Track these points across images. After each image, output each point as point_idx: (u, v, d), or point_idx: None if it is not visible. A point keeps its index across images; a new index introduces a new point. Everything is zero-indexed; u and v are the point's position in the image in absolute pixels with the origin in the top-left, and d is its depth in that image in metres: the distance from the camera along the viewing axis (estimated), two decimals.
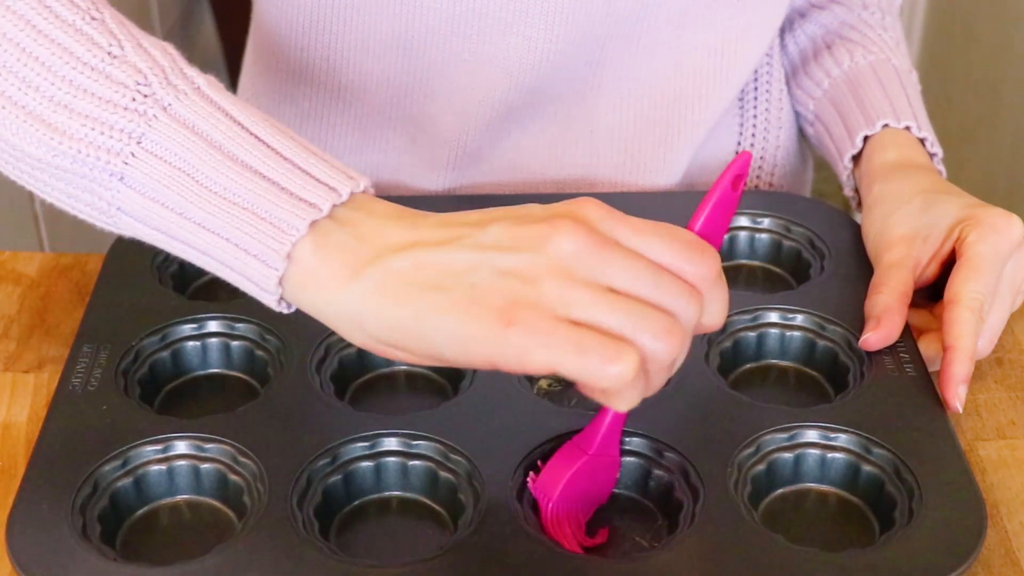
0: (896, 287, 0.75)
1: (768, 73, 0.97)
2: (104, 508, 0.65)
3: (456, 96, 0.87)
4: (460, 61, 0.86)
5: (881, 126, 0.86)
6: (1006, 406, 0.75)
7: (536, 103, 0.88)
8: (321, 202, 0.57)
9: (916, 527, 0.63)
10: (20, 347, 0.79)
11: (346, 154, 0.92)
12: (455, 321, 0.54)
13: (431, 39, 0.85)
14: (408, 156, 0.91)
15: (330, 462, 0.66)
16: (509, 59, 0.85)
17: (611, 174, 0.91)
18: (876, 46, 0.94)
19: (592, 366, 0.53)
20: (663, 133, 0.91)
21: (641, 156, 0.91)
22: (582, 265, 0.55)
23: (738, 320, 0.76)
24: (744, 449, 0.67)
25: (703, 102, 0.91)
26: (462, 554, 0.61)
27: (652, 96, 0.89)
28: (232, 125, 0.59)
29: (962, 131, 2.09)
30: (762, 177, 0.99)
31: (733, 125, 0.97)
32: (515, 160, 0.91)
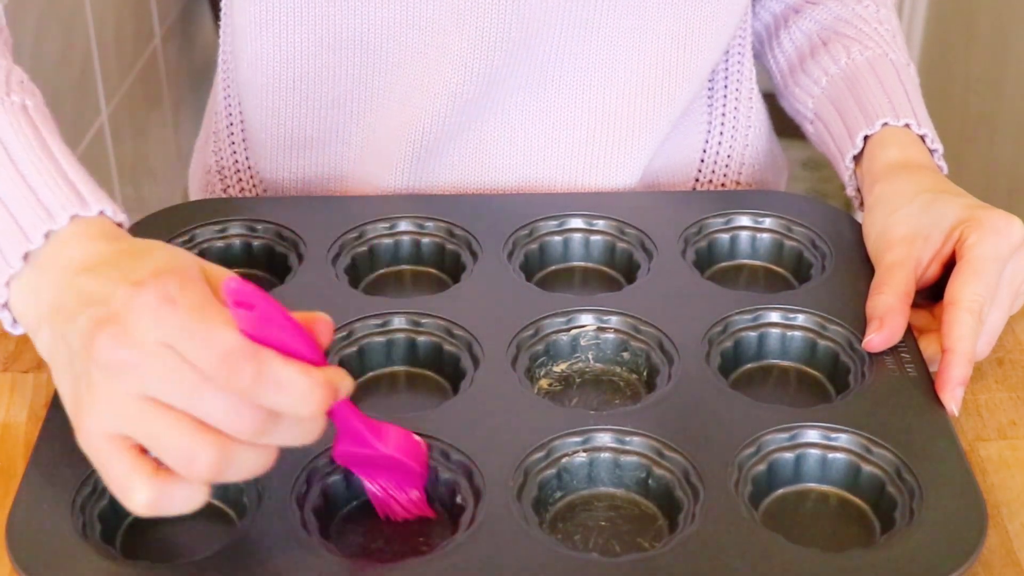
0: (898, 287, 0.75)
1: (739, 71, 0.97)
2: (104, 507, 0.65)
3: (412, 89, 0.87)
4: (415, 53, 0.86)
5: (880, 125, 0.86)
6: (1007, 406, 0.75)
7: (493, 95, 0.88)
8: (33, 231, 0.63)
9: (917, 527, 0.63)
10: (20, 347, 0.79)
11: (308, 148, 0.92)
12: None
13: (386, 32, 0.85)
14: (369, 150, 0.91)
15: (331, 461, 0.66)
16: (463, 50, 0.85)
17: (571, 168, 0.91)
18: (872, 40, 0.94)
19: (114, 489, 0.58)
20: (624, 126, 0.90)
21: (602, 149, 0.91)
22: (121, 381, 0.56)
23: (739, 320, 0.76)
24: (745, 449, 0.67)
25: (665, 95, 0.90)
26: (462, 554, 0.61)
27: (613, 88, 0.89)
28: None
29: (962, 131, 2.09)
30: (729, 176, 0.99)
31: (701, 123, 0.97)
32: (476, 153, 0.90)
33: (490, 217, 0.85)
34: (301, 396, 0.55)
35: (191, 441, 0.55)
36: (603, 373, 0.75)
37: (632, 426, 0.68)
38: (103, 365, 0.56)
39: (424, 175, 0.90)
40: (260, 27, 0.88)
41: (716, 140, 0.97)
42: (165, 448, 0.55)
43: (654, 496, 0.67)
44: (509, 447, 0.66)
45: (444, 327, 0.75)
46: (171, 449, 0.55)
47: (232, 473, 0.56)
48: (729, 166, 0.98)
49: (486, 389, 0.71)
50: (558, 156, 0.91)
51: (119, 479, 0.57)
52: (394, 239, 0.84)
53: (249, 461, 0.57)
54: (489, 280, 0.80)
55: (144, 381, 0.55)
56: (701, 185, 0.99)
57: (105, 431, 0.57)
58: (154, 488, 0.56)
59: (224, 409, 0.55)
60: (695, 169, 0.98)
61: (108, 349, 0.56)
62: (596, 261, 0.85)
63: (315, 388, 0.55)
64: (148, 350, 0.55)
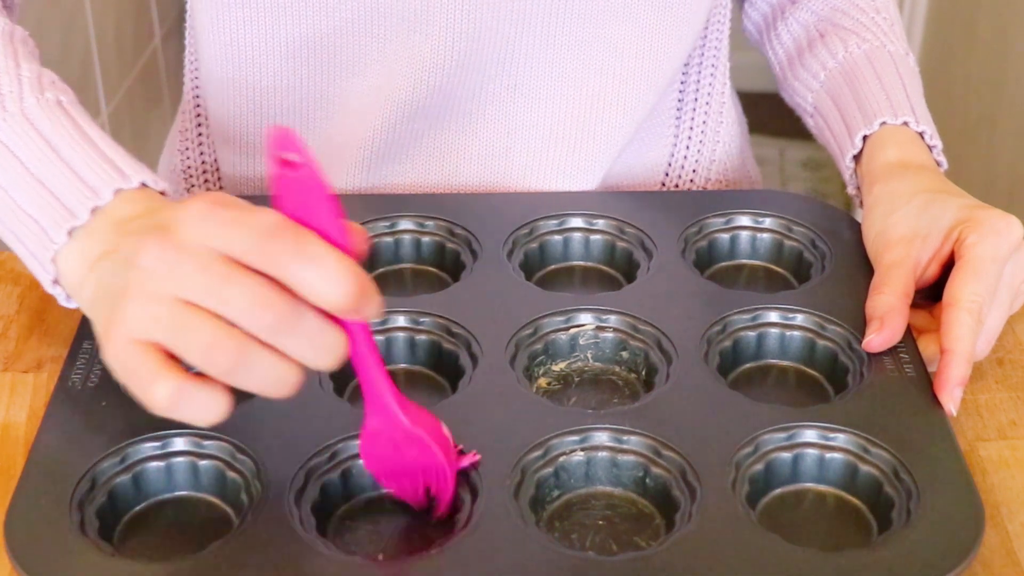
0: (897, 287, 0.75)
1: (710, 85, 0.97)
2: (103, 504, 0.65)
3: (367, 96, 0.87)
4: (369, 60, 0.86)
5: (879, 124, 0.86)
6: (1007, 406, 0.75)
7: (448, 102, 0.88)
8: (79, 208, 0.66)
9: (914, 528, 0.63)
10: (19, 347, 0.79)
11: (262, 153, 0.92)
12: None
13: (337, 40, 0.85)
14: (325, 155, 0.90)
15: (328, 459, 0.66)
16: (418, 58, 0.85)
17: (527, 175, 0.91)
18: (870, 32, 0.93)
19: (137, 390, 0.59)
20: (580, 135, 0.90)
21: (558, 157, 0.90)
22: (156, 282, 0.58)
23: (738, 320, 0.76)
24: (742, 448, 0.67)
25: (622, 104, 0.90)
26: (459, 552, 0.61)
27: (569, 97, 0.89)
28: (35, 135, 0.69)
29: (962, 131, 2.09)
30: (695, 188, 0.99)
31: (667, 135, 0.97)
32: (431, 159, 0.90)
33: (490, 216, 0.85)
34: (334, 275, 0.56)
35: (213, 335, 0.56)
36: (602, 372, 0.75)
37: (630, 425, 0.68)
38: (143, 268, 0.58)
39: (380, 179, 0.91)
40: (217, 29, 0.88)
41: (682, 153, 0.97)
42: (187, 343, 0.57)
43: (651, 495, 0.67)
44: (507, 446, 0.66)
45: (443, 326, 0.75)
46: (192, 343, 0.56)
47: (249, 376, 0.57)
48: (694, 180, 0.98)
49: (485, 388, 0.71)
50: (514, 163, 0.90)
51: (143, 377, 0.58)
52: (394, 238, 0.84)
53: (268, 367, 0.57)
54: (489, 279, 0.80)
55: (178, 280, 0.57)
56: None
57: (133, 336, 0.58)
58: (175, 384, 0.57)
59: (249, 297, 0.56)
60: (658, 181, 0.98)
61: (152, 251, 0.58)
62: (596, 260, 0.85)
63: (348, 272, 0.56)
64: (189, 250, 0.57)
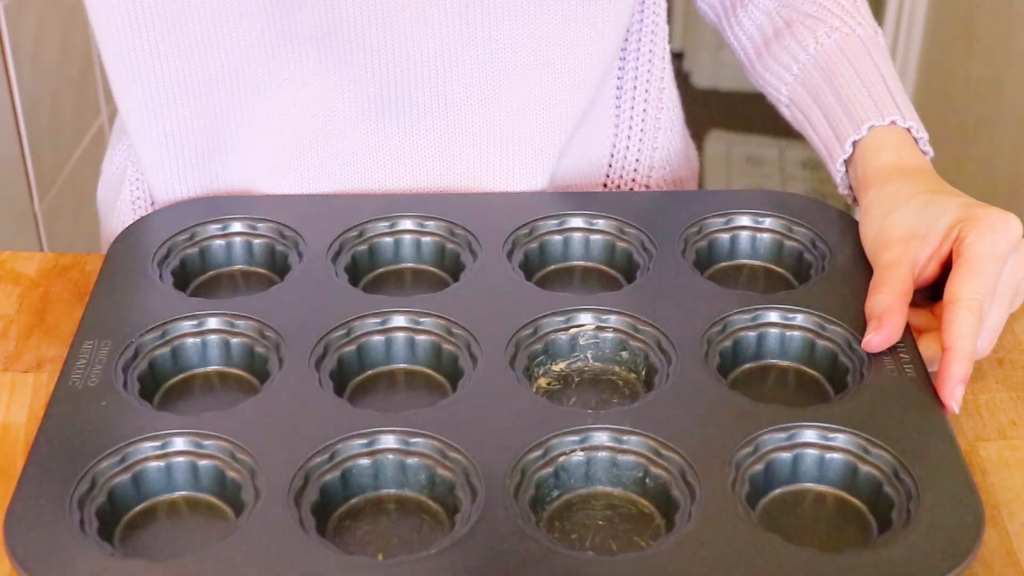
0: (895, 286, 0.75)
1: (648, 72, 0.96)
2: (102, 504, 0.65)
3: (288, 116, 0.87)
4: (282, 77, 0.86)
5: (868, 128, 0.85)
6: (1007, 406, 0.75)
7: (382, 114, 0.87)
8: None
9: (914, 528, 0.63)
10: (19, 347, 0.79)
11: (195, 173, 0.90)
12: None
13: (247, 66, 0.85)
14: (260, 163, 0.90)
15: (328, 459, 0.66)
16: (330, 72, 0.85)
17: (473, 179, 0.90)
18: (836, 17, 0.92)
19: None
20: (518, 138, 0.89)
21: (498, 163, 0.90)
22: None
23: (738, 320, 0.76)
24: (742, 448, 0.67)
25: (555, 103, 0.89)
26: (459, 552, 0.61)
27: (500, 100, 0.88)
28: None
29: (962, 131, 2.09)
30: (638, 180, 0.98)
31: (608, 126, 0.97)
32: (370, 169, 0.90)
33: (490, 216, 0.85)
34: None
35: None
36: (602, 372, 0.75)
37: (630, 425, 0.68)
38: None
39: (318, 189, 0.90)
40: (131, 77, 0.86)
41: (624, 145, 0.97)
42: None
43: (651, 495, 0.67)
44: (507, 446, 0.67)
45: (443, 326, 0.75)
46: None
47: None
48: (638, 170, 0.98)
49: (484, 388, 0.71)
50: (456, 170, 0.90)
51: None
52: (394, 238, 0.85)
53: None
54: (489, 279, 0.80)
55: None
56: (609, 189, 0.98)
57: None
58: None
59: None
60: (603, 173, 0.98)
61: None
62: (596, 260, 0.85)
63: None
64: None
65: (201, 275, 0.84)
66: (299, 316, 0.76)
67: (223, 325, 0.76)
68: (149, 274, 0.80)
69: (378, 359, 0.76)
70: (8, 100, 1.52)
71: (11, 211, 1.56)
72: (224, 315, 0.76)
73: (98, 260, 0.84)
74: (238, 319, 0.76)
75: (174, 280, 0.81)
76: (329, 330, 0.74)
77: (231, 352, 0.76)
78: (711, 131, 2.82)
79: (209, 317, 0.76)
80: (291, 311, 0.77)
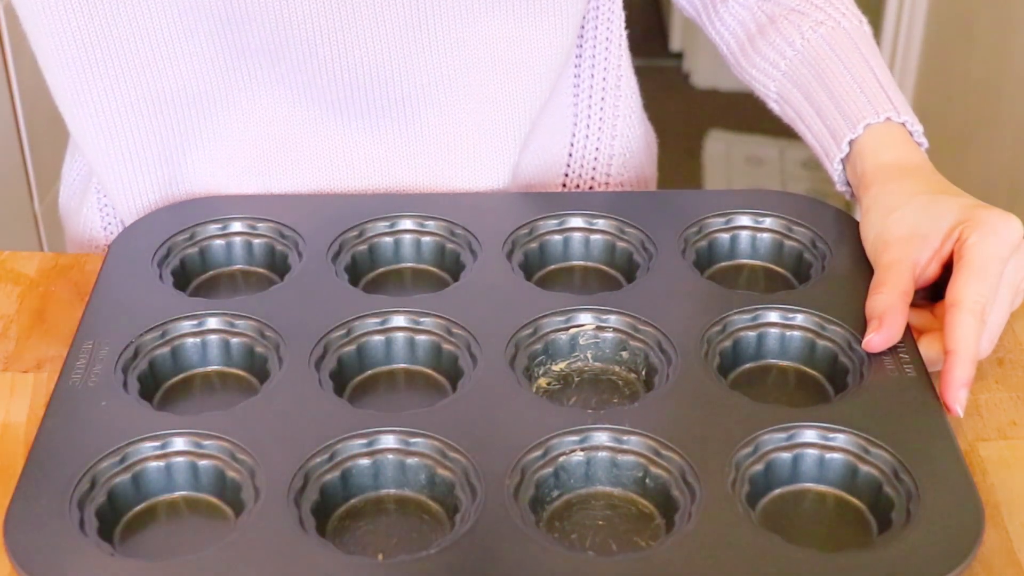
0: (896, 286, 0.75)
1: (606, 59, 0.96)
2: (102, 504, 0.65)
3: (244, 123, 0.87)
4: (237, 86, 0.86)
5: (863, 127, 0.85)
6: (1007, 406, 0.75)
7: (342, 117, 0.87)
8: None
9: (914, 528, 0.63)
10: (19, 347, 0.79)
11: (167, 172, 0.90)
12: None
13: (199, 84, 0.85)
14: (221, 173, 0.90)
15: (328, 459, 0.66)
16: (286, 77, 0.85)
17: (437, 176, 0.91)
18: (820, 11, 0.91)
19: None
20: (480, 135, 0.90)
21: (465, 158, 0.90)
22: None
23: (738, 320, 0.76)
24: (742, 448, 0.67)
25: (510, 98, 0.89)
26: (459, 552, 0.61)
27: (455, 97, 0.88)
28: None
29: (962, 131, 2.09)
30: (599, 168, 0.98)
31: (567, 117, 0.96)
32: (331, 170, 0.90)
33: (490, 216, 0.85)
34: None
35: None
36: (602, 372, 0.75)
37: (630, 425, 0.68)
38: None
39: (288, 190, 0.90)
40: (77, 106, 0.86)
41: (583, 134, 0.97)
42: None
43: (651, 495, 0.67)
44: (507, 446, 0.67)
45: (443, 326, 0.75)
46: None
47: None
48: (598, 159, 0.98)
49: (484, 388, 0.71)
50: (418, 168, 0.90)
51: None
52: (394, 238, 0.85)
53: None
54: (489, 279, 0.80)
55: None
56: (571, 180, 0.98)
57: None
58: None
59: None
60: (564, 164, 0.98)
61: None
62: (596, 260, 0.85)
63: None
64: None
65: (201, 275, 0.84)
66: (299, 316, 0.76)
67: (223, 325, 0.76)
68: (149, 274, 0.80)
69: (378, 359, 0.76)
70: (8, 100, 1.52)
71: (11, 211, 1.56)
72: (224, 315, 0.76)
73: (98, 260, 0.84)
74: (238, 319, 0.76)
75: (174, 280, 0.81)
76: (329, 330, 0.74)
77: (231, 352, 0.76)
78: (711, 131, 2.82)
79: (209, 317, 0.76)
80: (291, 311, 0.77)
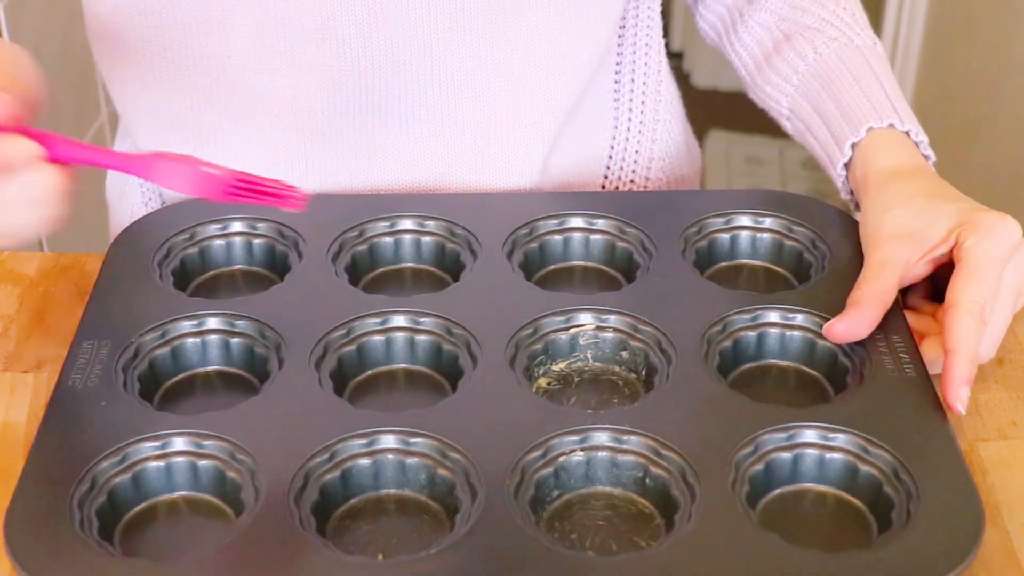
0: (876, 285, 0.75)
1: (644, 67, 0.97)
2: (102, 504, 0.65)
3: (282, 110, 0.87)
4: (277, 75, 0.86)
5: (866, 131, 0.85)
6: (1007, 406, 0.75)
7: (375, 106, 0.88)
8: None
9: (913, 528, 0.63)
10: (19, 347, 0.79)
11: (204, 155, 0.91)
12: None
13: (243, 58, 0.85)
14: (261, 170, 0.90)
15: (328, 459, 0.66)
16: (328, 67, 0.85)
17: (467, 169, 0.91)
18: (834, 28, 0.92)
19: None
20: (513, 125, 0.90)
21: (493, 150, 0.91)
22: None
23: (738, 320, 0.76)
24: (742, 448, 0.67)
25: (549, 90, 0.90)
26: (459, 552, 0.61)
27: (493, 87, 0.89)
28: None
29: (962, 131, 2.09)
30: (638, 172, 0.99)
31: (608, 119, 0.97)
32: (365, 160, 0.90)
33: (490, 216, 0.85)
34: None
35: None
36: (602, 372, 0.75)
37: (630, 425, 0.68)
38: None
39: (320, 184, 0.90)
40: (125, 71, 0.87)
41: (624, 135, 0.97)
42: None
43: (651, 495, 0.67)
44: (507, 446, 0.66)
45: (443, 326, 0.75)
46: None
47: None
48: (638, 161, 0.98)
49: (484, 388, 0.71)
50: (453, 159, 0.91)
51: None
52: (394, 238, 0.84)
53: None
54: (489, 279, 0.80)
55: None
56: (610, 181, 0.99)
57: None
58: None
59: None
60: (603, 165, 0.98)
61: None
62: (596, 260, 0.85)
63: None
64: None
65: (201, 275, 0.84)
66: (299, 316, 0.76)
67: (223, 325, 0.76)
68: (149, 274, 0.80)
69: (378, 359, 0.75)
70: None
71: None
72: (224, 315, 0.76)
73: (98, 260, 0.84)
74: (238, 319, 0.76)
75: (174, 280, 0.81)
76: (329, 330, 0.74)
77: (231, 352, 0.76)
78: (711, 131, 2.82)
79: (209, 317, 0.76)
80: (291, 311, 0.76)
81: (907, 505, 0.64)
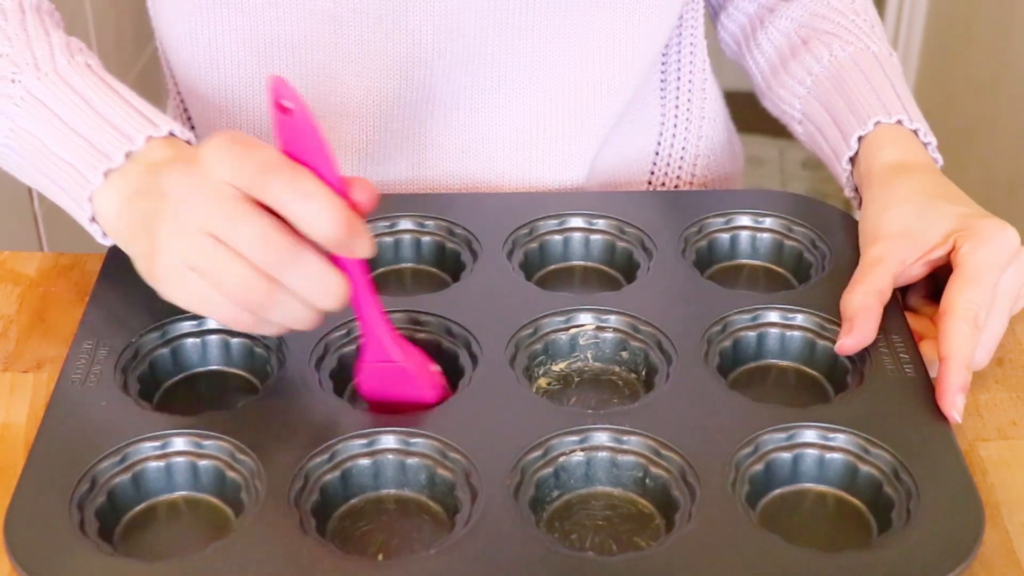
0: (872, 285, 0.75)
1: (691, 63, 0.97)
2: (102, 504, 0.65)
3: (344, 95, 0.88)
4: (348, 60, 0.87)
5: (873, 124, 0.85)
6: (1007, 406, 0.75)
7: (431, 97, 0.88)
8: (113, 152, 0.71)
9: (914, 528, 0.63)
10: (19, 347, 0.79)
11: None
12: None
13: (313, 41, 0.86)
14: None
15: (328, 459, 0.66)
16: (395, 55, 0.86)
17: (514, 165, 0.92)
18: (852, 34, 0.93)
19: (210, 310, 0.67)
20: (565, 122, 0.91)
21: (543, 146, 0.91)
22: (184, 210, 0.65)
23: (738, 320, 0.76)
24: (742, 448, 0.67)
25: (604, 88, 0.91)
26: (459, 552, 0.61)
27: (552, 84, 0.90)
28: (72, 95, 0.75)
29: (962, 131, 2.09)
30: (684, 168, 0.99)
31: (653, 117, 0.98)
32: (419, 156, 0.91)
33: (490, 216, 0.85)
34: (324, 208, 0.62)
35: (243, 274, 0.64)
36: (602, 372, 0.75)
37: (630, 425, 0.68)
38: (169, 195, 0.66)
39: (369, 176, 0.91)
40: (192, 39, 0.88)
41: (670, 133, 0.98)
42: (223, 281, 0.64)
43: (651, 495, 0.67)
44: (507, 446, 0.66)
45: (443, 326, 0.75)
46: (228, 281, 0.64)
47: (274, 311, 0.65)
48: (684, 158, 0.99)
49: (484, 388, 0.71)
50: (501, 154, 0.91)
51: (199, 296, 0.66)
52: (394, 237, 0.84)
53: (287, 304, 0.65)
54: (489, 279, 0.80)
55: (201, 214, 0.64)
56: (656, 179, 0.99)
57: (188, 263, 0.65)
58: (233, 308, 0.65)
59: (256, 235, 0.63)
60: (650, 162, 0.99)
61: (174, 177, 0.66)
62: (596, 260, 0.85)
63: (336, 206, 0.63)
64: (206, 179, 0.64)
65: None
66: None
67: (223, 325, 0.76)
68: None
69: None
70: None
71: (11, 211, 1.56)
72: None
73: (98, 260, 0.84)
74: None
75: None
76: (329, 330, 0.74)
77: (231, 352, 0.76)
78: None
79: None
80: None
81: (907, 505, 0.64)
